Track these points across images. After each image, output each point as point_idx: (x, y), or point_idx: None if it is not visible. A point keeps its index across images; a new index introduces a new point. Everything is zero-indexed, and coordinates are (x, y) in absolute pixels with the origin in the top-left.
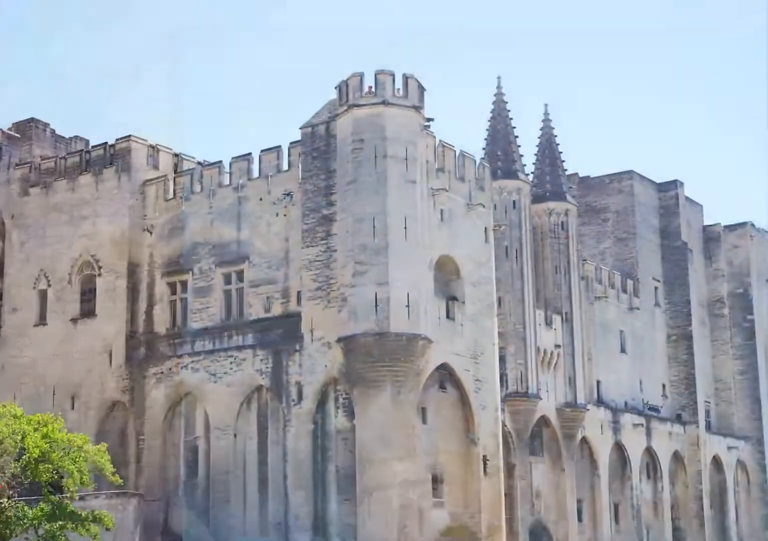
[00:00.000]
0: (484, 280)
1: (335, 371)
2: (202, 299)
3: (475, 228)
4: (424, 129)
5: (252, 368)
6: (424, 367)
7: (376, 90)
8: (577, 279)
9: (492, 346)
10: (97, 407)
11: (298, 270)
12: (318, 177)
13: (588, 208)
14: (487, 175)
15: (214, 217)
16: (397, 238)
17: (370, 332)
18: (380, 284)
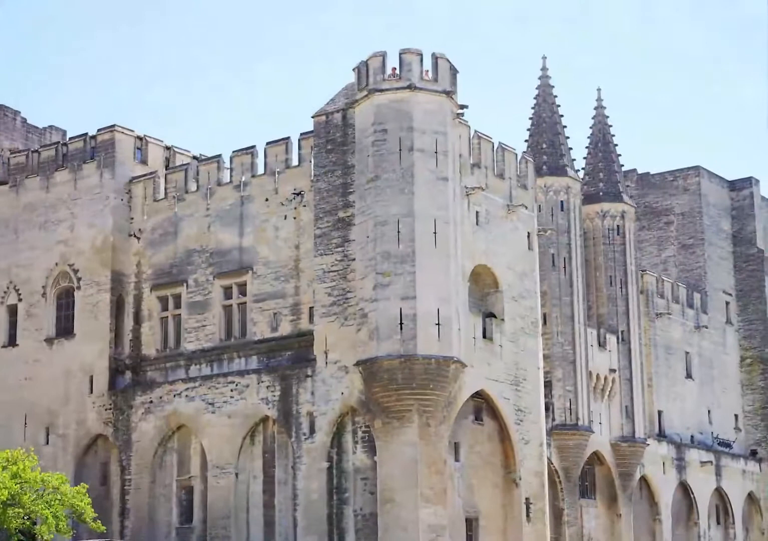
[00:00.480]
0: (527, 293)
1: (353, 400)
2: (199, 315)
3: (516, 233)
4: (456, 117)
5: (256, 397)
6: (456, 395)
7: (400, 72)
8: (636, 293)
9: (536, 370)
10: (76, 441)
11: (310, 282)
12: (333, 174)
13: (648, 210)
14: (530, 171)
15: (212, 221)
16: (425, 244)
17: (394, 355)
18: (406, 299)
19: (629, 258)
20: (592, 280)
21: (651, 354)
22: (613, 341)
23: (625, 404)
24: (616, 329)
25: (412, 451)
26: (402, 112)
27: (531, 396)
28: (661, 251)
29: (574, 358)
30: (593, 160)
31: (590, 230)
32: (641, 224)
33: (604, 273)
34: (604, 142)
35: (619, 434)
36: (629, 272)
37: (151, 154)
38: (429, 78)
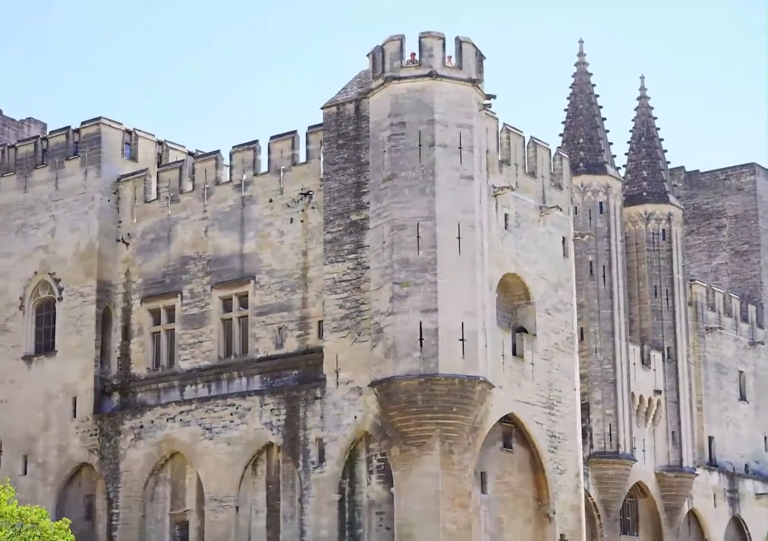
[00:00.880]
0: (562, 305)
1: (367, 425)
2: (194, 330)
3: (550, 238)
4: (483, 109)
5: (259, 421)
6: (483, 419)
7: (420, 58)
8: (683, 305)
9: (572, 391)
10: (57, 470)
11: (320, 293)
12: (345, 172)
13: (697, 213)
14: (565, 168)
15: (209, 224)
16: (448, 251)
17: (413, 374)
18: (426, 311)
19: (676, 266)
20: (634, 290)
21: (700, 374)
22: (658, 359)
23: (672, 429)
24: (661, 345)
25: (434, 482)
26: (422, 102)
27: (566, 420)
28: (711, 258)
29: (615, 378)
30: (636, 156)
31: (632, 235)
32: (689, 228)
33: (647, 283)
34: (648, 137)
35: (664, 463)
36: (676, 282)
37: (141, 150)
38: (452, 65)
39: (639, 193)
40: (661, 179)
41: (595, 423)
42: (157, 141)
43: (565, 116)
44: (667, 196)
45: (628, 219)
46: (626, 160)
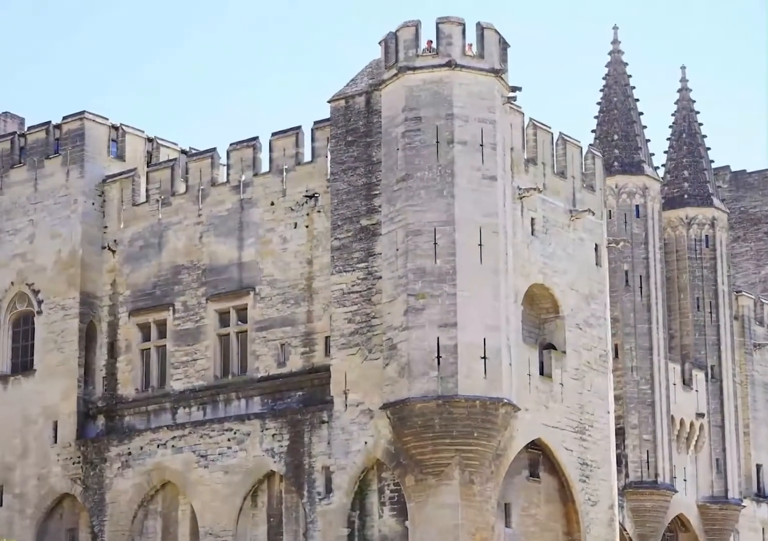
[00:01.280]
0: (595, 320)
1: (379, 452)
2: (188, 347)
3: (581, 245)
4: (507, 102)
5: (259, 447)
6: (507, 445)
7: (438, 46)
8: (729, 319)
9: (606, 415)
10: (37, 502)
11: (326, 306)
12: (355, 172)
13: (744, 217)
14: (598, 168)
15: (204, 230)
16: (469, 259)
17: (430, 396)
18: (445, 326)
19: (721, 276)
20: (674, 303)
21: (747, 395)
22: (701, 379)
23: (716, 456)
24: (704, 363)
25: (452, 514)
26: (439, 95)
27: (599, 447)
28: (760, 268)
29: (653, 400)
30: (676, 154)
31: (672, 242)
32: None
33: (689, 295)
34: (690, 133)
35: (708, 494)
36: (720, 294)
37: (129, 148)
38: (473, 53)
39: (680, 196)
40: (704, 180)
41: (631, 450)
42: (146, 138)
43: (598, 110)
44: (710, 199)
45: (668, 224)
46: (665, 159)
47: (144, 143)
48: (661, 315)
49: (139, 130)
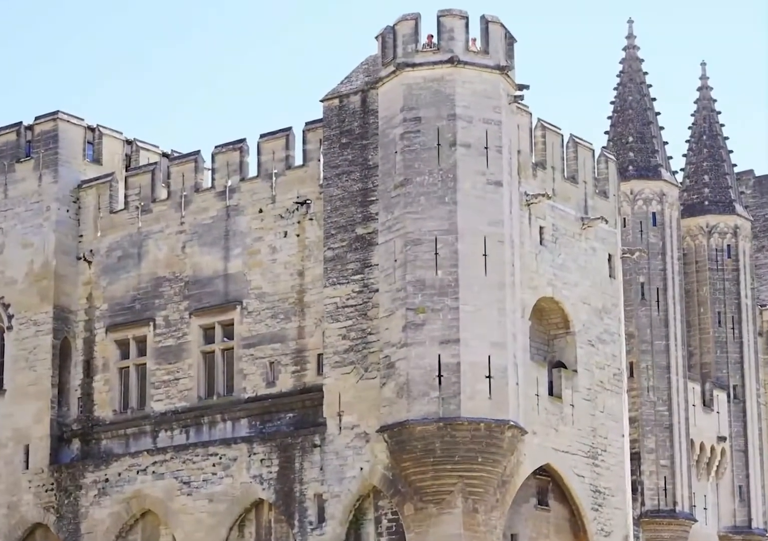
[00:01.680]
0: (608, 336)
1: (376, 478)
2: (170, 365)
3: (593, 255)
4: (514, 101)
5: (247, 474)
6: (513, 471)
7: (439, 41)
8: (752, 335)
9: (620, 438)
10: (7, 532)
11: (319, 321)
12: (349, 176)
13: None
14: (612, 173)
15: (187, 239)
16: (472, 270)
17: (431, 418)
18: (446, 343)
19: (744, 289)
20: (694, 318)
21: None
22: (723, 400)
23: (739, 483)
24: (726, 383)
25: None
26: (441, 94)
27: (613, 473)
28: None
29: (671, 422)
30: (696, 158)
31: (692, 252)
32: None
33: (710, 309)
34: (711, 135)
35: (730, 524)
36: (744, 308)
37: (106, 151)
38: (477, 49)
39: (700, 202)
40: (726, 185)
41: (647, 476)
42: (125, 140)
43: (612, 111)
44: (733, 206)
45: (687, 233)
46: (684, 163)
47: (122, 146)
48: (680, 331)
49: (117, 132)
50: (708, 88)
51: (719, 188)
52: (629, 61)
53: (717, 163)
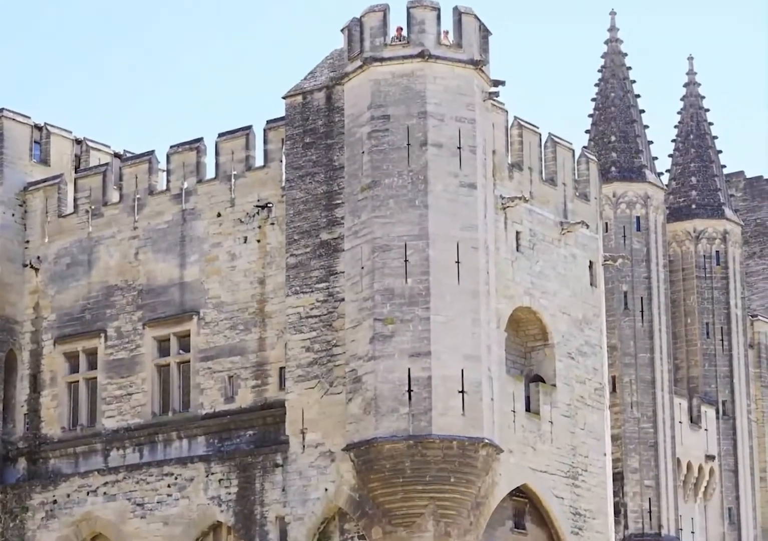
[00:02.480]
0: (589, 348)
1: (342, 500)
2: (122, 379)
3: (573, 262)
4: (489, 98)
5: (204, 495)
6: (488, 492)
7: (409, 34)
8: (743, 347)
9: (602, 457)
10: None
11: (281, 332)
12: (313, 178)
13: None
14: (593, 174)
15: (141, 245)
16: (444, 278)
17: (400, 435)
18: (417, 356)
19: (734, 298)
20: (680, 329)
21: (765, 435)
22: (711, 417)
23: (728, 505)
24: (715, 399)
25: None
26: (411, 90)
27: (594, 494)
28: None
29: (656, 440)
30: (683, 158)
31: (678, 258)
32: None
33: (697, 320)
34: (698, 134)
35: None
36: (734, 318)
37: (54, 151)
38: (450, 42)
39: (687, 206)
40: (715, 188)
41: (630, 498)
42: (74, 139)
43: (593, 108)
44: (722, 210)
45: (673, 238)
46: (670, 164)
47: (71, 146)
48: (665, 343)
49: (66, 131)
50: (695, 84)
51: (707, 191)
52: (611, 56)
53: (705, 164)
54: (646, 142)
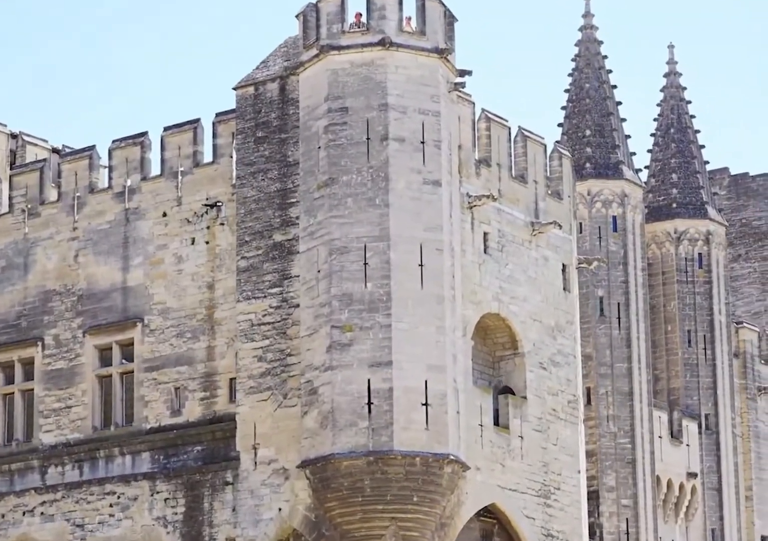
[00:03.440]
0: (562, 358)
1: (297, 520)
2: (61, 391)
3: (545, 266)
4: (454, 89)
5: (149, 515)
6: (454, 513)
7: (369, 20)
8: (727, 357)
9: (575, 475)
10: None
11: (231, 340)
12: (266, 175)
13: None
14: (566, 171)
15: (81, 247)
16: (407, 283)
17: (360, 451)
18: (377, 366)
19: (717, 304)
20: (660, 337)
21: (750, 451)
22: (693, 431)
23: (712, 526)
24: (697, 412)
25: None
26: (371, 81)
27: (568, 515)
28: (765, 293)
29: (634, 456)
30: (663, 154)
31: (658, 261)
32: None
33: (678, 327)
34: (680, 128)
35: None
36: (717, 326)
37: None
38: (412, 29)
39: (667, 205)
40: (697, 185)
41: (606, 518)
42: (9, 133)
43: (566, 100)
44: (705, 209)
45: (652, 240)
46: (649, 160)
47: (6, 140)
48: (644, 352)
49: (0, 125)
50: (676, 74)
51: (689, 189)
52: (586, 44)
53: (687, 159)
54: (623, 137)
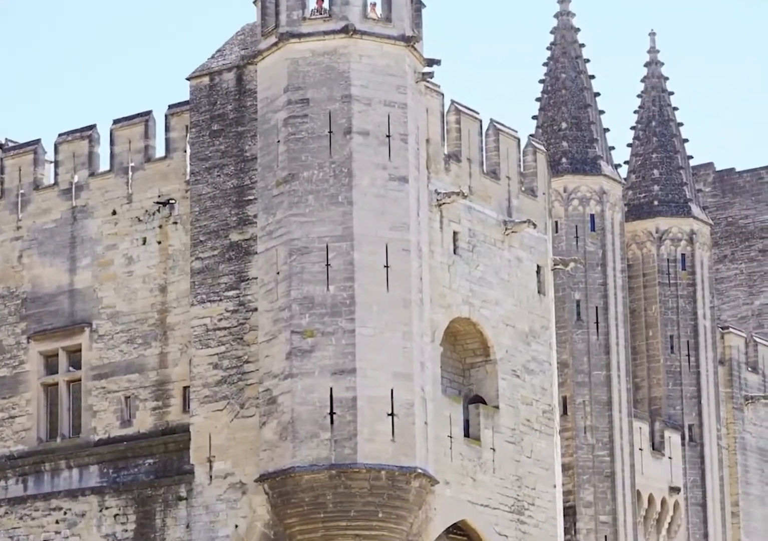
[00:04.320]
0: (537, 365)
1: (255, 537)
2: (4, 400)
3: (519, 267)
4: (422, 80)
5: (97, 532)
6: (422, 529)
7: (331, 6)
8: (712, 364)
9: (551, 489)
10: None
11: (185, 346)
12: (222, 171)
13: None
14: (541, 167)
15: (25, 247)
16: (371, 286)
17: (321, 464)
18: (340, 373)
19: (702, 308)
20: (641, 343)
21: (737, 464)
22: (676, 443)
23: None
24: (680, 423)
25: None
26: (333, 70)
27: (543, 531)
28: (753, 297)
29: (613, 469)
30: (644, 149)
31: (638, 262)
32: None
33: (660, 332)
34: (662, 121)
35: None
36: (702, 331)
37: None
38: (377, 16)
39: (648, 202)
40: (680, 182)
41: (584, 535)
42: None
43: (541, 91)
44: (688, 207)
45: (632, 239)
46: (629, 155)
47: None
48: (624, 359)
49: None
50: (658, 63)
51: (672, 185)
52: (562, 31)
53: (669, 154)
54: (601, 130)
